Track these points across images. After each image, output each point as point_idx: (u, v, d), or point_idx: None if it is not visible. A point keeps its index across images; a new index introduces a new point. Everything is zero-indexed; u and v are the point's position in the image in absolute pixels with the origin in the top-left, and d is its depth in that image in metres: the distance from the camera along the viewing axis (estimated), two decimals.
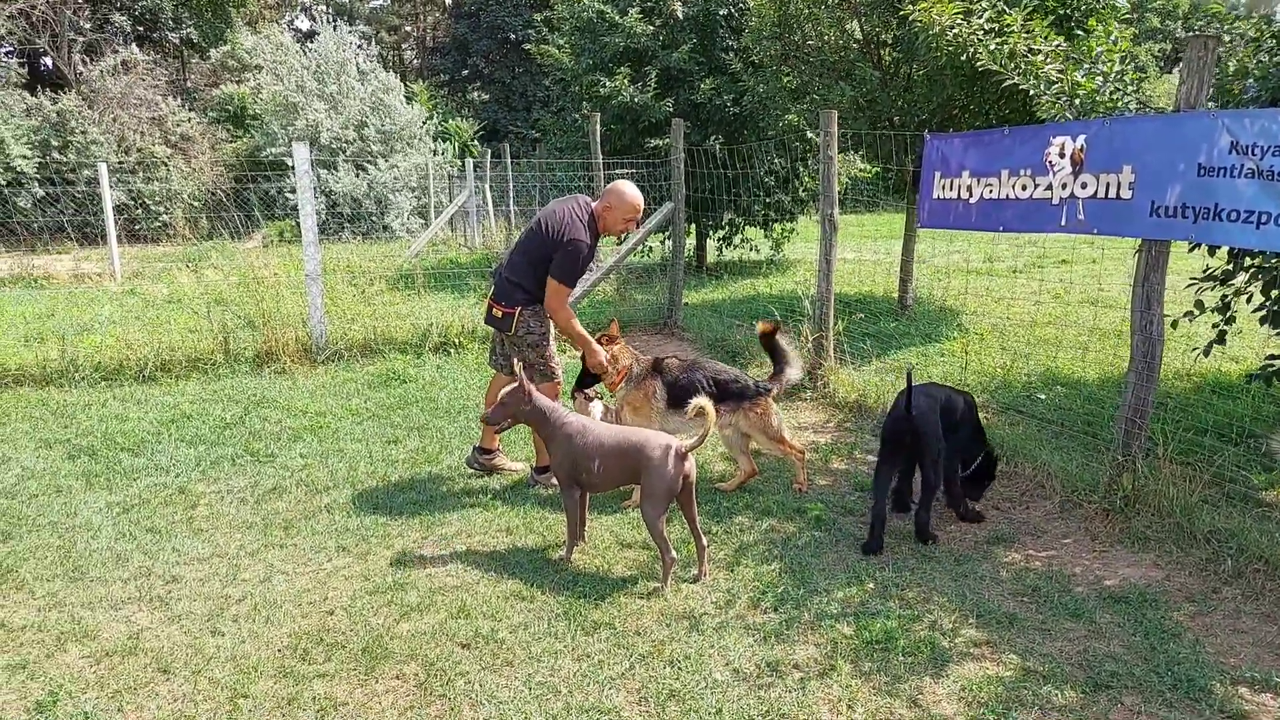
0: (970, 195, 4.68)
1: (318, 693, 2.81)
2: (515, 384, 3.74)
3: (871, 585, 3.45)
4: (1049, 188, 4.26)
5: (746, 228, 12.94)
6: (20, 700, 2.80)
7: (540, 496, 4.44)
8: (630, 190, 4.41)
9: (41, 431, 5.51)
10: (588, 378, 4.61)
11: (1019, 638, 3.07)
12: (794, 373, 4.58)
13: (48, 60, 22.83)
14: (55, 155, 17.92)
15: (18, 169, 17.08)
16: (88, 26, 21.08)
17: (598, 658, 2.98)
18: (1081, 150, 4.10)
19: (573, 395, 4.64)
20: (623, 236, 6.54)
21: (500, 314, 4.40)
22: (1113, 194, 3.98)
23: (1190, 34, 3.91)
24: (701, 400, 3.55)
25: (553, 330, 4.58)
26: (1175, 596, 3.33)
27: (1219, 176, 3.53)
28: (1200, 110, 3.69)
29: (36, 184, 17.48)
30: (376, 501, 4.35)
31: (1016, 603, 3.32)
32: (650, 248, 12.43)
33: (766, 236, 13.19)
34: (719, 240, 13.13)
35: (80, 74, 20.10)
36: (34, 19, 19.72)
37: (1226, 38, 4.99)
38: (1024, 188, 4.38)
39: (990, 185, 4.56)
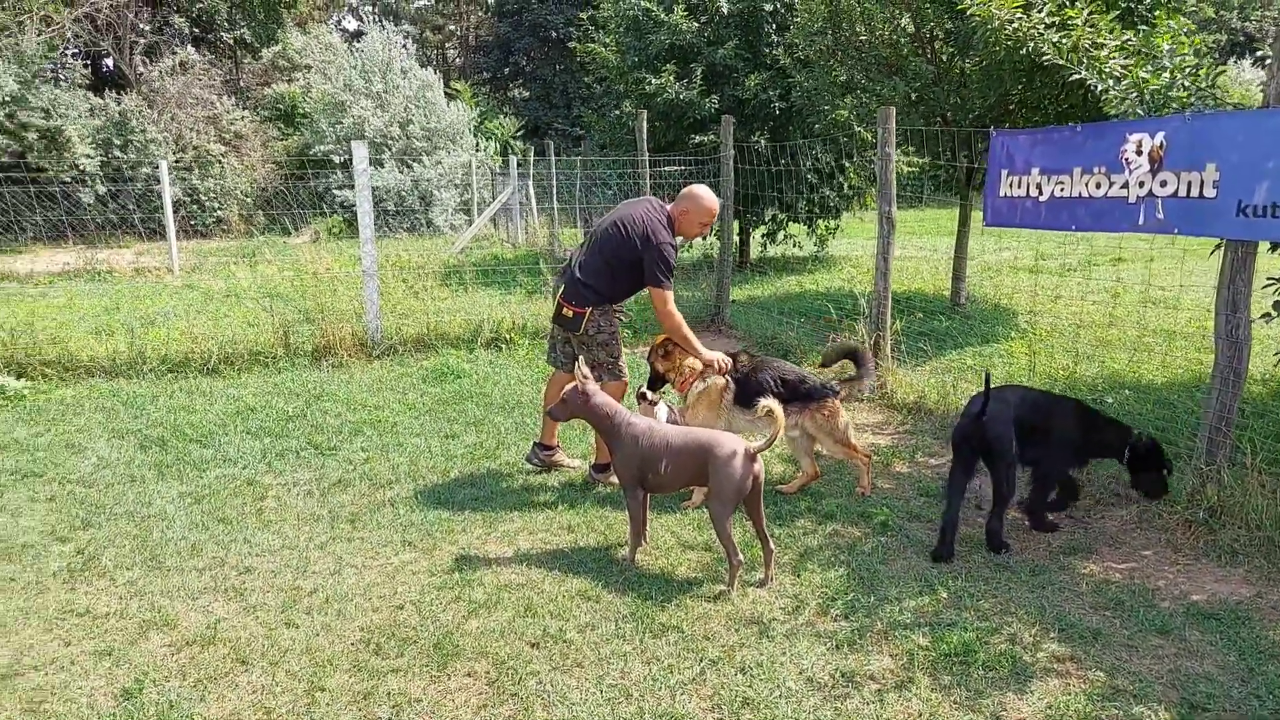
0: (1040, 193, 4.57)
1: (392, 688, 2.84)
2: (574, 384, 3.74)
3: (944, 595, 3.39)
4: (1125, 185, 4.14)
5: (790, 224, 12.84)
6: (108, 686, 2.88)
7: (600, 495, 4.44)
8: (708, 195, 4.39)
9: (114, 422, 5.67)
10: (657, 380, 4.58)
11: (1104, 654, 2.98)
12: (870, 382, 4.50)
13: (109, 61, 23.50)
14: (117, 154, 18.43)
15: (82, 167, 17.60)
16: (147, 28, 21.64)
17: (667, 661, 2.97)
18: (1161, 147, 3.98)
19: (638, 398, 4.63)
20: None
21: (571, 314, 4.40)
22: (1195, 192, 3.85)
23: (1275, 25, 3.76)
24: (769, 401, 3.51)
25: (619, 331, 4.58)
26: (1269, 615, 3.20)
27: None
28: None
29: (99, 181, 17.99)
30: (439, 496, 4.39)
31: (1099, 616, 3.22)
32: (690, 244, 12.38)
33: (810, 233, 13.07)
34: (762, 236, 13.04)
35: (140, 74, 20.67)
36: (99, 22, 20.30)
37: None
38: (1098, 185, 4.26)
39: (1062, 183, 4.44)
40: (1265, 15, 36.80)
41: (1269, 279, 4.59)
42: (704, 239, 10.78)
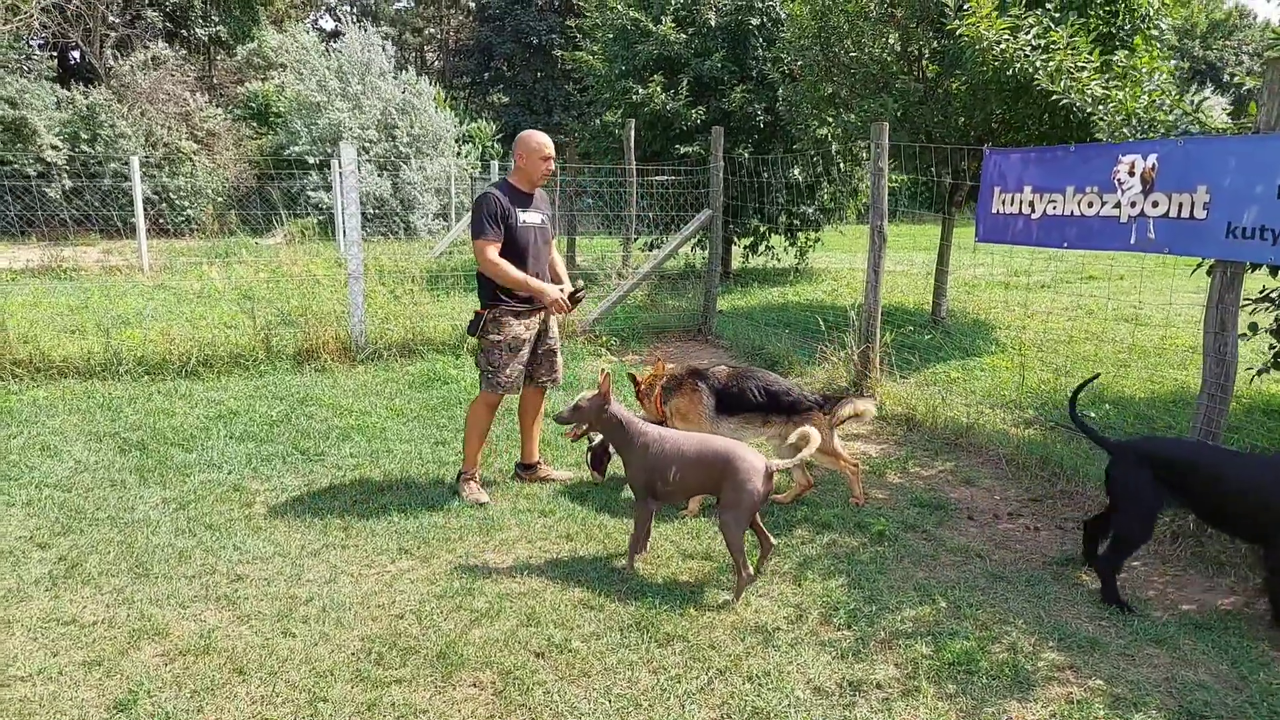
0: (1032, 211, 4.65)
1: (396, 699, 2.79)
2: (595, 392, 3.71)
3: (944, 604, 3.42)
4: (1117, 205, 4.23)
5: (771, 235, 12.94)
6: (99, 699, 2.79)
7: (598, 502, 4.42)
8: (529, 134, 4.39)
9: (90, 424, 5.52)
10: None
11: (1103, 662, 3.03)
12: (861, 405, 4.48)
13: (77, 54, 23.00)
14: (84, 148, 18.01)
15: (48, 159, 17.17)
16: (118, 21, 21.23)
17: (674, 671, 2.95)
18: (1153, 169, 4.07)
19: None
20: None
21: (473, 314, 4.46)
22: (1185, 214, 3.95)
23: (1272, 55, 3.88)
24: (808, 429, 3.50)
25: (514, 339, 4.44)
26: (1258, 624, 3.28)
27: None
28: None
29: (65, 176, 17.56)
30: (433, 503, 4.33)
31: (1095, 626, 3.27)
32: (675, 254, 12.41)
33: (790, 245, 13.18)
34: (744, 248, 13.12)
35: (110, 68, 20.24)
36: (68, 12, 19.87)
37: None
38: (1090, 205, 4.35)
39: (1054, 201, 4.52)
40: (1226, 45, 38.01)
41: (1246, 299, 4.72)
42: (691, 250, 10.79)
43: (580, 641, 3.12)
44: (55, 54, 22.81)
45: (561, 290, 4.42)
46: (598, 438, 4.62)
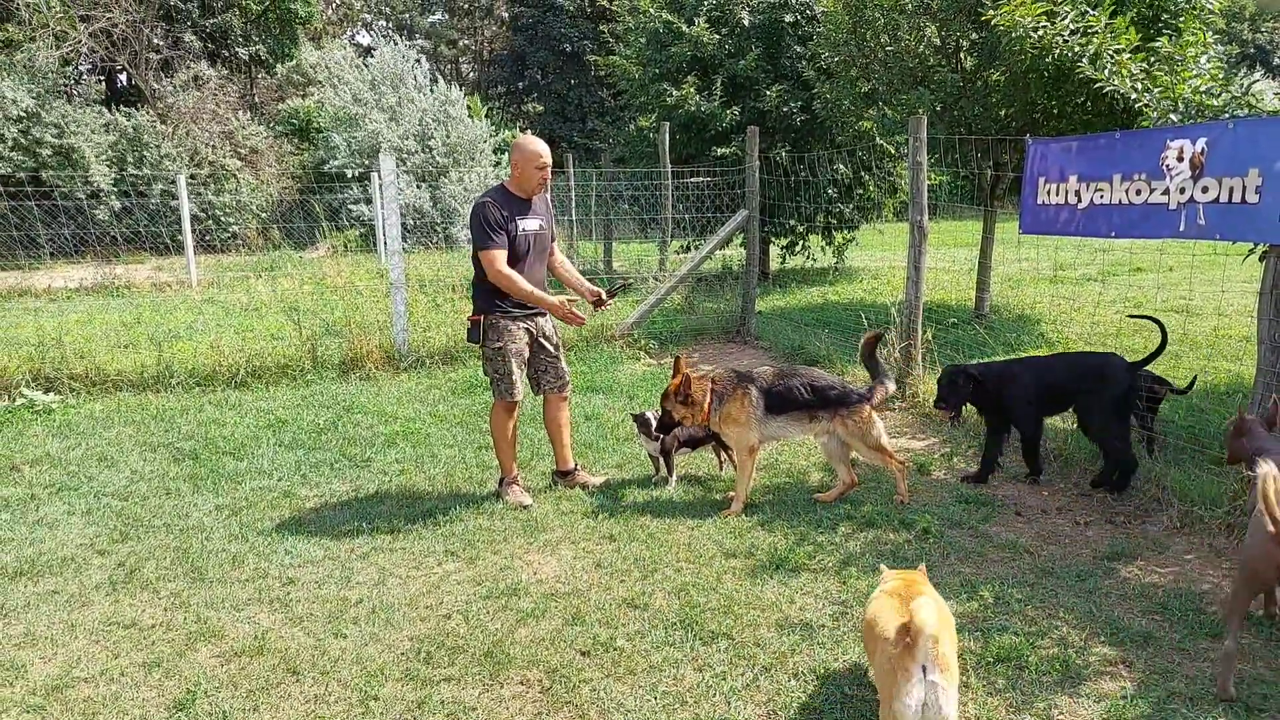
0: (1079, 200, 4.56)
1: (445, 696, 2.83)
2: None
3: (990, 600, 3.37)
4: (1165, 192, 4.13)
5: (809, 236, 12.85)
6: (159, 698, 2.88)
7: (640, 503, 4.43)
8: (524, 140, 4.33)
9: (145, 435, 5.69)
10: (669, 424, 4.50)
11: (1156, 657, 2.95)
12: (890, 385, 4.48)
13: (123, 77, 23.75)
14: (131, 170, 18.57)
15: (95, 183, 17.74)
16: (162, 45, 21.84)
17: (719, 668, 2.95)
18: (1202, 154, 3.97)
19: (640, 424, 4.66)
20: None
21: (469, 323, 4.44)
22: (1237, 198, 3.84)
23: None
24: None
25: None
26: None
27: None
28: None
29: (114, 197, 18.12)
30: (478, 507, 4.39)
31: (1148, 620, 3.20)
32: (710, 255, 12.39)
33: (828, 245, 13.08)
34: (782, 248, 13.05)
35: (155, 90, 20.86)
36: (114, 37, 20.51)
37: None
38: (1138, 192, 4.26)
39: (1101, 190, 4.43)
40: (1275, 28, 36.83)
41: None
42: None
43: (625, 640, 3.13)
44: (103, 78, 23.56)
45: (592, 293, 4.44)
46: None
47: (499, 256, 4.19)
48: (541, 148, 4.30)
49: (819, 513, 4.26)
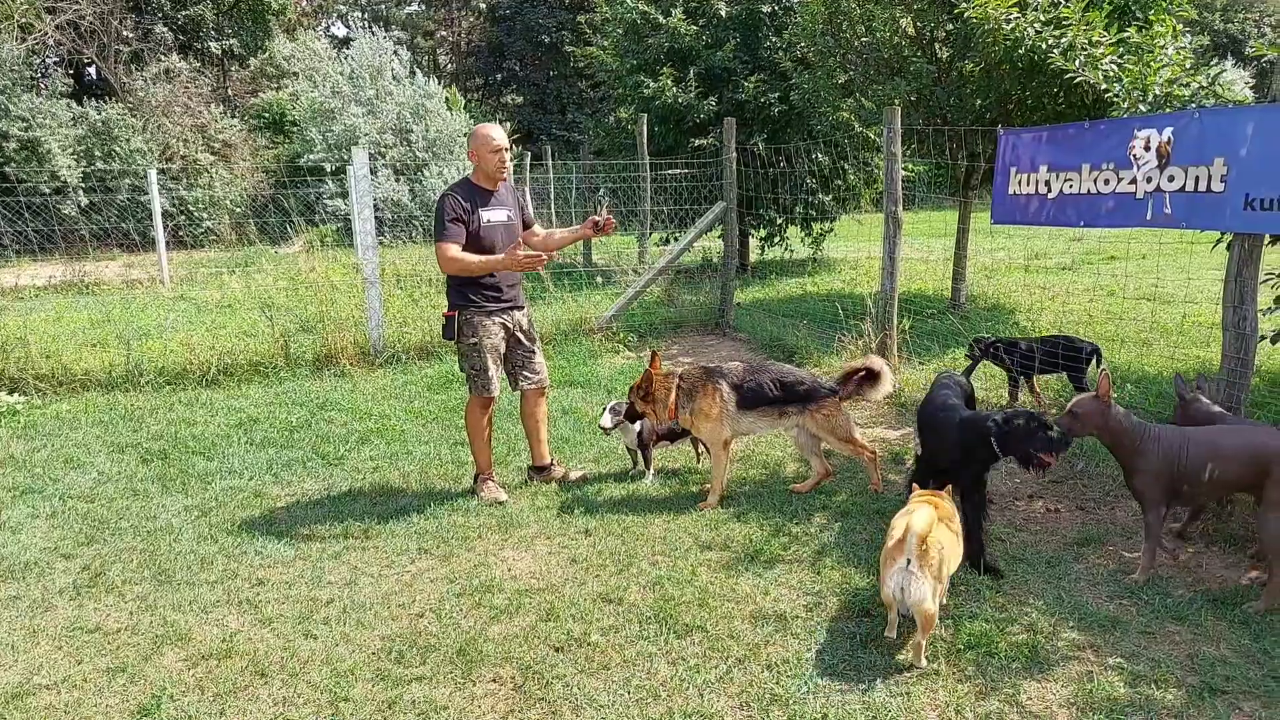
0: (1049, 190, 4.58)
1: (417, 696, 2.81)
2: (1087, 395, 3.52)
3: (962, 587, 3.38)
4: (1133, 181, 4.16)
5: (788, 227, 12.86)
6: (123, 704, 2.83)
7: (616, 497, 4.42)
8: (478, 127, 4.34)
9: (113, 435, 5.60)
10: (634, 415, 4.50)
11: (1123, 640, 2.99)
12: (885, 388, 4.44)
13: (92, 70, 23.32)
14: (99, 164, 18.24)
15: (63, 178, 17.40)
16: (131, 37, 21.47)
17: (693, 662, 2.95)
18: (1168, 143, 4.00)
19: (617, 415, 4.63)
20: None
21: (444, 319, 4.40)
22: (1202, 187, 3.87)
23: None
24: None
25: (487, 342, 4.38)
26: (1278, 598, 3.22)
27: None
28: None
29: (81, 192, 17.78)
30: (452, 504, 4.35)
31: (1116, 605, 3.23)
32: (690, 248, 12.38)
33: (806, 236, 13.09)
34: (761, 240, 13.05)
35: (124, 83, 20.51)
36: (82, 30, 20.13)
37: None
38: (1106, 182, 4.28)
39: (1070, 180, 4.46)
40: (1247, 18, 37.25)
41: (1268, 273, 4.62)
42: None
43: (599, 635, 3.12)
44: (71, 71, 23.12)
45: (590, 225, 4.38)
46: (634, 429, 4.57)
47: (450, 248, 4.17)
48: (495, 131, 4.30)
49: (794, 503, 4.26)
